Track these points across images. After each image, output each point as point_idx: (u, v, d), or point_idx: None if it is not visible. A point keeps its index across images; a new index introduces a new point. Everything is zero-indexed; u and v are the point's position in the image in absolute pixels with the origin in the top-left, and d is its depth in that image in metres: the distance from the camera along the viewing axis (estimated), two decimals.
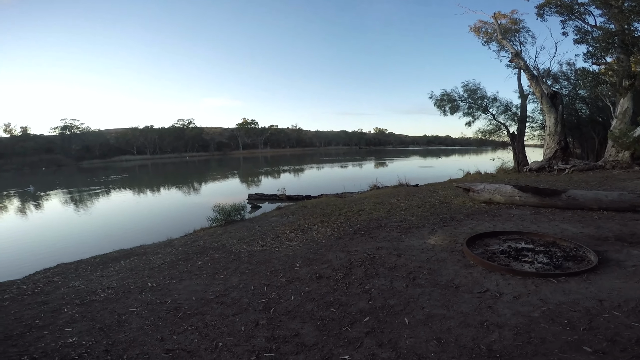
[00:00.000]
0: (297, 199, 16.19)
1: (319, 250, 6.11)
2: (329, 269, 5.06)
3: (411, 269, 4.76)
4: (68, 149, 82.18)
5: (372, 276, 4.65)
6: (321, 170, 40.20)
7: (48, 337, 3.65)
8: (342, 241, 6.55)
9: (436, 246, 5.76)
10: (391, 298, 3.94)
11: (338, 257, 5.56)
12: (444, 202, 9.78)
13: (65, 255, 8.87)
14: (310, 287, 4.48)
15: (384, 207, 9.59)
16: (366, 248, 5.93)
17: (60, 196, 25.68)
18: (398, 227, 7.22)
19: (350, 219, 8.44)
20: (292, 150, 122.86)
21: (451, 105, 21.55)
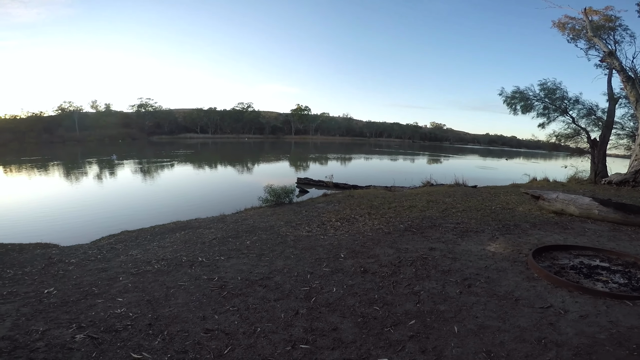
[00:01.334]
0: (344, 187, 16.08)
1: (365, 243, 5.96)
2: (375, 264, 4.90)
3: (467, 275, 4.44)
4: (142, 125, 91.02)
5: (422, 278, 4.41)
6: (370, 161, 39.50)
7: (99, 306, 3.89)
8: (391, 237, 6.33)
9: (496, 254, 5.32)
10: (442, 303, 3.69)
11: (386, 253, 5.37)
12: (507, 207, 9.00)
13: (130, 222, 9.78)
14: (354, 280, 4.36)
15: (438, 206, 9.10)
16: (418, 247, 5.65)
17: (134, 165, 28.53)
18: (454, 229, 6.80)
19: (401, 215, 8.14)
20: (341, 138, 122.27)
21: (524, 104, 19.53)
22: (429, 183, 16.38)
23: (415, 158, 48.88)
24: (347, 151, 56.27)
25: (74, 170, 26.50)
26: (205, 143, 73.84)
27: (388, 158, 45.57)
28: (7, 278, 5.08)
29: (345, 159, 40.55)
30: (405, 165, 37.29)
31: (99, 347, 3.00)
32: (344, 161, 37.39)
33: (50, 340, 3.12)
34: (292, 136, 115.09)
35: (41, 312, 3.74)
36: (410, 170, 30.05)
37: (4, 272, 5.36)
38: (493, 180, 20.18)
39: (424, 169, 32.08)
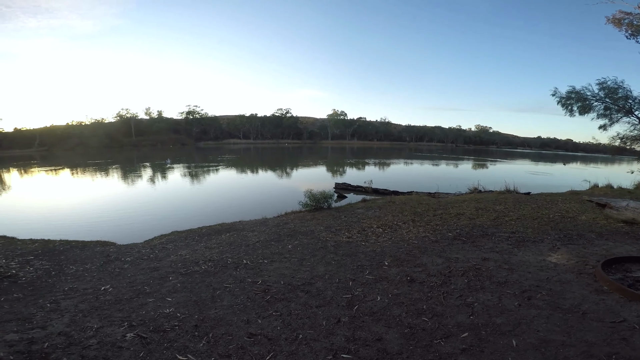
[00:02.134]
0: (384, 193, 15.71)
1: (411, 251, 5.72)
2: (422, 274, 4.68)
3: (525, 287, 4.11)
4: (190, 131, 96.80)
5: (476, 289, 4.13)
6: (410, 166, 38.31)
7: (150, 305, 4.05)
8: (438, 245, 6.04)
9: (559, 265, 4.88)
10: (498, 316, 3.43)
11: (434, 262, 5.12)
12: (567, 216, 8.21)
13: (179, 223, 10.31)
14: (400, 289, 4.18)
15: (488, 214, 8.53)
16: (469, 257, 5.33)
17: (184, 169, 30.30)
18: (509, 239, 6.33)
19: (448, 222, 7.73)
20: (379, 143, 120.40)
21: (581, 105, 17.86)
22: (476, 190, 15.49)
23: (459, 163, 46.53)
24: (385, 156, 55.14)
25: (131, 173, 28.75)
26: (247, 148, 76.64)
27: (430, 163, 43.90)
28: (70, 274, 5.52)
29: (384, 164, 39.70)
30: (448, 170, 35.69)
31: (146, 347, 3.10)
32: (382, 166, 36.65)
33: (103, 337, 3.27)
34: (329, 141, 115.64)
35: (97, 309, 3.97)
36: (455, 175, 28.70)
37: (67, 267, 5.86)
38: (547, 187, 18.62)
39: (469, 174, 30.47)
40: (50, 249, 7.17)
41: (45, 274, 5.52)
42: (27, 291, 4.71)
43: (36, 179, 27.00)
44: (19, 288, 4.84)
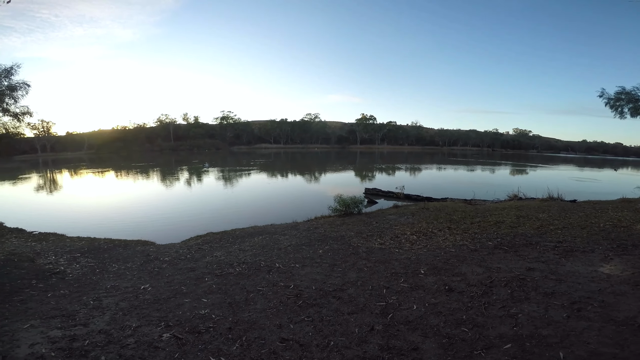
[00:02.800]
0: (417, 199, 15.26)
1: (448, 259, 5.51)
2: (462, 283, 4.50)
3: (575, 299, 3.88)
4: (224, 136, 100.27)
5: (520, 300, 3.94)
6: (443, 172, 37.03)
7: (186, 306, 4.15)
8: (478, 254, 5.78)
9: (612, 276, 4.56)
10: (544, 327, 3.27)
11: (474, 272, 4.91)
12: (619, 225, 7.56)
13: (214, 224, 10.62)
14: (438, 299, 4.03)
15: (531, 223, 8.04)
16: (512, 267, 5.08)
17: (220, 173, 31.42)
18: (555, 248, 5.98)
19: (487, 231, 7.37)
20: (410, 147, 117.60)
21: (633, 106, 16.49)
22: (516, 196, 14.65)
23: (496, 168, 44.31)
24: (417, 161, 53.79)
25: (170, 176, 30.28)
26: (277, 153, 78.02)
27: (464, 168, 42.18)
28: (112, 272, 5.80)
29: (416, 169, 38.69)
30: (484, 176, 34.12)
31: (181, 348, 3.15)
32: (414, 171, 35.73)
33: (140, 337, 3.37)
34: (358, 146, 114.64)
35: (136, 308, 4.12)
36: (492, 182, 27.36)
37: (110, 266, 6.17)
38: (595, 194, 17.23)
39: (507, 180, 28.95)
40: (95, 247, 7.62)
41: (90, 271, 5.85)
42: (73, 288, 4.99)
43: (84, 180, 29.12)
44: (66, 284, 5.14)
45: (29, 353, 3.06)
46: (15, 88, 9.02)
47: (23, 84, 9.13)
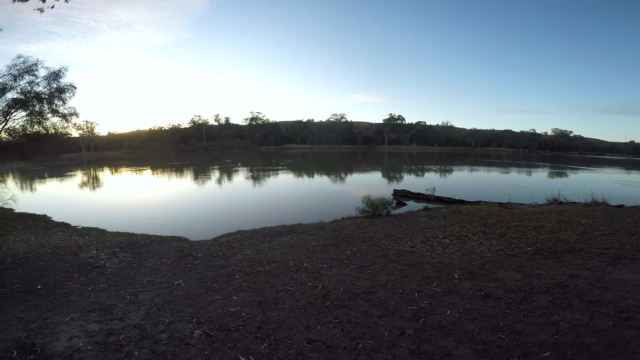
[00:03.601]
0: (448, 202, 14.76)
1: (484, 265, 5.29)
2: (499, 289, 4.31)
3: (623, 307, 3.62)
4: (253, 136, 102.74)
5: (562, 307, 3.73)
6: (476, 174, 35.57)
7: (217, 303, 4.22)
8: (516, 260, 5.52)
9: None
10: (587, 336, 3.09)
11: (512, 278, 4.71)
12: None
13: (244, 222, 10.83)
14: (473, 304, 3.87)
15: (573, 228, 7.55)
16: (553, 273, 4.83)
17: (250, 172, 32.20)
18: (601, 255, 5.60)
19: (525, 236, 7.00)
20: (440, 148, 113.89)
21: None
22: (556, 201, 13.78)
23: (533, 171, 41.91)
24: (448, 162, 52.00)
25: (204, 174, 31.46)
26: (304, 153, 78.64)
27: (498, 170, 40.25)
28: (149, 267, 6.04)
29: (446, 170, 37.40)
30: (520, 178, 32.40)
31: (212, 346, 3.19)
32: (444, 173, 34.59)
33: (172, 333, 3.46)
34: (385, 146, 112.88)
35: (170, 304, 4.24)
36: (529, 184, 25.92)
37: (147, 261, 6.43)
38: None
39: (546, 183, 27.34)
40: (133, 242, 8.00)
41: (127, 266, 6.13)
42: (112, 282, 5.23)
43: (124, 178, 30.86)
44: (105, 278, 5.41)
45: (67, 346, 3.19)
46: (63, 90, 9.62)
47: (70, 86, 9.74)
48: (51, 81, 9.42)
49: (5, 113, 9.07)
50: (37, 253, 6.72)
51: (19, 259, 6.22)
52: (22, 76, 9.14)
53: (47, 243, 7.77)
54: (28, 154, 10.55)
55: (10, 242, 7.63)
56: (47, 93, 9.41)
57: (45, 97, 9.36)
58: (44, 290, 4.76)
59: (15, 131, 9.49)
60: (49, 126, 9.78)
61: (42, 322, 3.69)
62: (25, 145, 9.89)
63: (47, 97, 9.40)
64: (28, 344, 3.20)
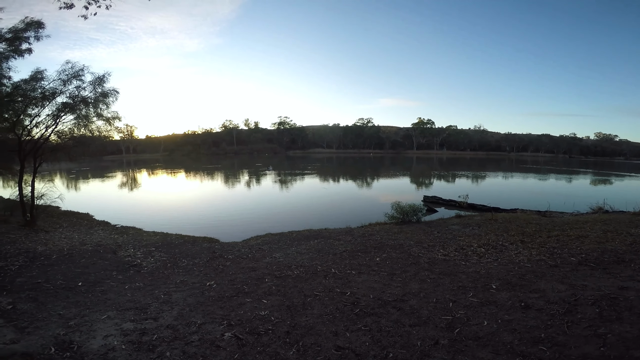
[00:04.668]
0: (482, 209, 14.14)
1: (524, 275, 5.04)
2: (540, 300, 4.09)
3: None
4: (281, 140, 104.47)
5: (610, 320, 3.47)
6: (511, 180, 33.89)
7: (247, 305, 4.24)
8: (559, 270, 5.22)
9: None
10: (638, 349, 2.85)
11: (555, 289, 4.45)
12: None
13: (272, 225, 10.97)
14: (512, 315, 3.70)
15: (622, 238, 6.99)
16: (600, 285, 4.51)
17: (280, 176, 32.79)
18: None
19: (568, 245, 6.57)
20: (473, 153, 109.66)
21: None
22: (601, 209, 12.83)
23: (574, 177, 39.31)
24: (480, 168, 49.94)
25: (235, 177, 32.46)
26: (330, 158, 78.76)
27: (536, 177, 38.08)
28: (182, 267, 6.22)
29: (479, 176, 35.91)
30: (560, 185, 30.50)
31: (241, 349, 3.20)
32: (477, 179, 33.23)
33: (204, 335, 3.49)
34: (414, 151, 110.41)
35: (202, 305, 4.32)
36: (569, 192, 24.33)
37: (180, 261, 6.63)
38: None
39: (589, 191, 25.56)
40: (167, 242, 8.31)
41: (162, 265, 6.34)
42: (147, 281, 5.42)
43: (159, 179, 32.38)
44: (141, 277, 5.61)
45: (102, 345, 3.28)
46: (107, 95, 10.11)
47: (113, 90, 10.24)
48: (96, 86, 9.93)
49: (55, 116, 9.68)
50: (79, 250, 7.10)
51: (63, 256, 6.59)
52: (70, 81, 9.70)
53: (89, 241, 8.22)
54: (75, 155, 11.23)
55: (56, 239, 8.13)
56: (93, 97, 9.91)
57: (91, 101, 9.88)
58: (84, 288, 4.98)
59: (63, 134, 10.12)
60: (94, 129, 10.33)
61: (80, 320, 3.84)
62: (73, 147, 10.53)
63: (93, 101, 9.91)
64: (66, 341, 3.30)
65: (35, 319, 3.78)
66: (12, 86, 10.79)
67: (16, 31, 10.84)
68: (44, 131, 9.83)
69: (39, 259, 6.21)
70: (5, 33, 10.76)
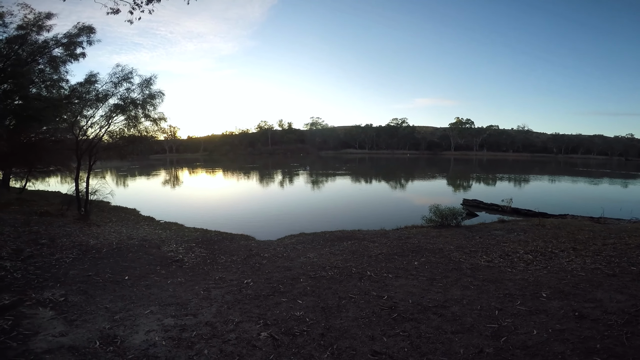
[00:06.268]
0: (527, 214, 13.28)
1: (578, 284, 4.72)
2: (597, 310, 3.81)
3: None
4: (313, 141, 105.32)
5: None
6: (558, 184, 31.50)
7: (283, 305, 4.25)
8: (618, 280, 4.82)
9: None
10: None
11: (613, 299, 4.13)
12: None
13: (305, 225, 11.03)
14: (564, 325, 3.49)
15: None
16: None
17: (313, 176, 33.17)
18: None
19: (627, 254, 6.04)
20: (516, 155, 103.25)
21: None
22: None
23: (630, 182, 35.76)
24: (524, 170, 46.82)
25: (270, 177, 33.36)
26: (362, 158, 78.01)
27: (587, 180, 35.10)
28: (220, 264, 6.38)
29: (523, 180, 33.73)
30: (615, 191, 27.88)
31: (277, 350, 3.19)
32: (520, 182, 31.25)
33: (241, 333, 3.52)
34: (451, 152, 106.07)
35: (239, 302, 4.37)
36: (627, 197, 22.15)
37: (219, 257, 6.81)
38: None
39: None
40: (207, 238, 8.62)
41: (202, 261, 6.54)
42: (188, 276, 5.58)
43: (199, 178, 33.94)
44: (183, 272, 5.80)
45: (144, 340, 3.36)
46: (154, 96, 10.76)
47: (159, 92, 10.87)
48: (144, 88, 10.59)
49: (108, 117, 10.43)
50: (127, 245, 7.50)
51: (112, 250, 6.98)
52: (121, 83, 10.42)
53: (135, 235, 8.71)
54: (125, 154, 12.03)
55: (106, 233, 8.67)
56: (141, 99, 10.59)
57: (139, 103, 10.55)
58: (130, 282, 5.17)
59: (115, 133, 10.87)
60: (142, 129, 11.01)
61: (125, 314, 3.96)
62: (123, 146, 11.28)
63: (141, 102, 10.58)
64: (110, 335, 3.41)
65: (84, 312, 3.96)
66: (70, 89, 11.82)
67: (70, 36, 11.85)
68: (98, 131, 10.61)
69: (90, 252, 6.61)
70: (61, 38, 11.83)
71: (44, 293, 4.36)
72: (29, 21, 11.46)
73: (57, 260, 5.88)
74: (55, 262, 5.75)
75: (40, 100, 11.46)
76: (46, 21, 11.70)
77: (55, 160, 14.29)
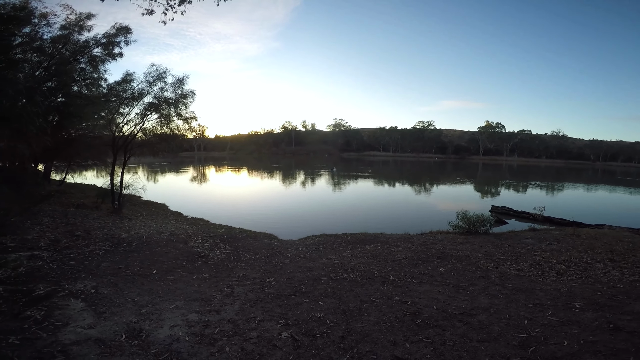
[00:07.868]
0: (561, 223, 12.62)
1: (614, 296, 4.50)
2: (633, 323, 3.64)
3: None
4: (336, 142, 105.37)
5: None
6: (595, 193, 29.69)
7: (304, 306, 4.24)
8: None
9: None
10: None
11: None
12: None
13: (326, 226, 11.01)
14: (597, 337, 3.35)
15: None
16: None
17: (341, 178, 33.20)
18: None
19: None
20: (549, 161, 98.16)
21: None
22: None
23: None
24: (558, 178, 44.47)
25: (293, 177, 33.73)
26: (386, 161, 76.95)
27: (626, 190, 32.88)
28: (244, 261, 6.45)
29: (557, 187, 32.04)
30: None
31: (296, 350, 3.20)
32: (553, 190, 29.76)
33: (262, 332, 3.54)
34: (480, 157, 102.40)
35: (261, 301, 4.40)
36: None
37: (243, 255, 6.90)
38: None
39: None
40: (232, 235, 8.80)
41: (226, 258, 6.64)
42: (213, 272, 5.67)
43: (225, 175, 34.85)
44: (208, 268, 5.89)
45: (168, 335, 3.43)
46: (186, 96, 11.12)
47: (191, 92, 11.22)
48: (176, 87, 10.97)
49: (142, 115, 10.89)
50: (156, 239, 7.73)
51: (142, 243, 7.20)
52: (155, 82, 10.85)
53: (164, 230, 9.01)
54: (157, 151, 12.52)
55: (137, 227, 9.00)
56: (174, 98, 10.98)
57: (172, 102, 10.94)
58: (158, 276, 5.30)
59: (148, 131, 11.33)
60: (174, 127, 11.42)
61: (152, 308, 4.05)
62: (156, 143, 11.75)
63: (174, 102, 10.98)
64: (136, 329, 3.49)
65: (113, 304, 4.09)
66: (107, 87, 12.47)
67: (109, 36, 12.47)
68: (132, 128, 11.10)
69: (122, 245, 6.84)
70: (100, 38, 12.49)
71: (77, 284, 4.54)
72: (71, 21, 12.19)
73: (91, 252, 6.13)
74: (88, 254, 6.01)
75: (81, 97, 12.14)
76: (87, 21, 12.40)
77: (92, 155, 15.17)
